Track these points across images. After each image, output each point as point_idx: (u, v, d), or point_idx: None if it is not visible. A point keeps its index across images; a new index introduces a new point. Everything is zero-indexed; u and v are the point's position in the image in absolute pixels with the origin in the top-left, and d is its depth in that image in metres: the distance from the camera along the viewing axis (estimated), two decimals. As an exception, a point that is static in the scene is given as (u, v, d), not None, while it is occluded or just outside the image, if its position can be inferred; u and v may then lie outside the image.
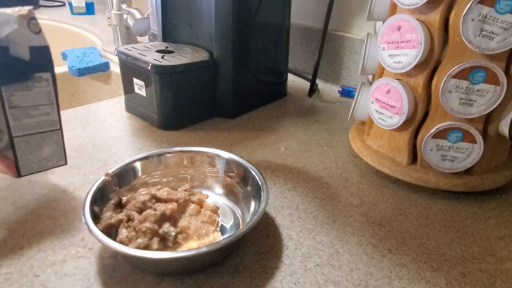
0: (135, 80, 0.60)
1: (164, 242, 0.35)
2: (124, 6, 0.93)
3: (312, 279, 0.34)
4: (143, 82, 0.59)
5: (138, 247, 0.33)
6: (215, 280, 0.34)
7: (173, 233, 0.35)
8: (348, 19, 0.80)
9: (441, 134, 0.44)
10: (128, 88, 0.63)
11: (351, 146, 0.56)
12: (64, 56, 0.93)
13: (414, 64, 0.43)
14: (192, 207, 0.39)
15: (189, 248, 0.35)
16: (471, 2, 0.38)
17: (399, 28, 0.44)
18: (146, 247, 0.34)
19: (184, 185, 0.42)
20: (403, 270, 0.36)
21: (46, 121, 0.40)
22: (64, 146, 0.42)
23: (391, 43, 0.45)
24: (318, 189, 0.48)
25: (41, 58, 0.38)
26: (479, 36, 0.39)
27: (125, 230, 0.35)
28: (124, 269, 0.34)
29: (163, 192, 0.38)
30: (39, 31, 0.36)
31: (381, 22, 0.52)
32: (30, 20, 0.36)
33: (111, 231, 0.35)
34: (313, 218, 0.42)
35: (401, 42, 0.44)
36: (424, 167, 0.47)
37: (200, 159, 0.45)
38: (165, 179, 0.44)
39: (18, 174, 0.40)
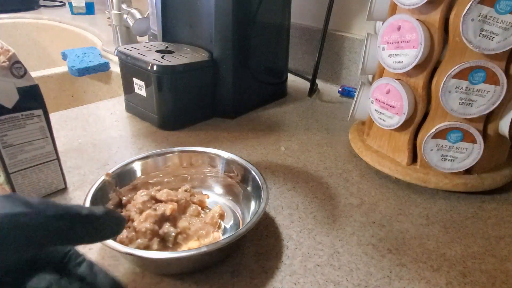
0: (135, 80, 0.60)
1: (164, 243, 0.35)
2: (124, 6, 0.93)
3: (312, 279, 0.34)
4: (143, 82, 0.59)
5: (138, 248, 0.33)
6: (215, 280, 0.34)
7: (173, 234, 0.35)
8: (348, 19, 0.80)
9: (441, 134, 0.44)
10: (128, 88, 0.63)
11: (351, 146, 0.56)
12: (64, 56, 0.93)
13: (414, 64, 0.43)
14: (193, 207, 0.39)
15: (189, 248, 0.35)
16: (471, 2, 0.38)
17: (399, 28, 0.44)
18: (146, 248, 0.34)
19: (185, 186, 0.42)
20: (403, 270, 0.36)
21: (42, 153, 0.41)
22: (62, 172, 0.44)
23: (391, 43, 0.45)
24: (318, 189, 0.47)
25: (31, 97, 0.38)
26: (479, 36, 0.39)
27: (125, 230, 0.35)
28: (124, 269, 0.34)
29: (162, 194, 0.38)
30: (24, 73, 0.37)
31: (381, 22, 0.52)
32: (13, 65, 0.36)
33: None
34: (313, 218, 0.42)
35: (401, 42, 0.44)
36: (424, 167, 0.47)
37: (201, 159, 0.45)
38: (165, 179, 0.44)
39: None
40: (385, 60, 0.46)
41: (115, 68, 0.88)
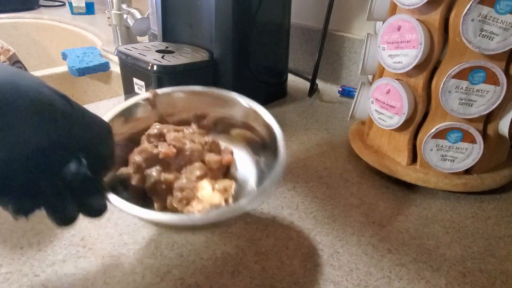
0: (135, 80, 0.60)
1: (144, 183, 0.33)
2: (124, 6, 0.93)
3: (312, 279, 0.34)
4: (143, 82, 0.59)
5: (120, 173, 0.32)
6: (215, 280, 0.34)
7: (152, 180, 0.32)
8: (348, 19, 0.80)
9: (441, 134, 0.44)
10: (128, 88, 0.63)
11: (351, 146, 0.56)
12: (64, 56, 0.93)
13: (414, 64, 0.43)
14: (196, 165, 0.34)
15: (158, 204, 0.33)
16: (471, 2, 0.38)
17: (399, 28, 0.44)
18: (128, 177, 0.32)
19: (209, 137, 0.37)
20: (402, 270, 0.36)
21: None
22: None
23: (391, 43, 0.45)
24: (318, 189, 0.48)
25: None
26: (479, 36, 0.39)
27: (135, 150, 0.34)
28: (124, 269, 0.34)
29: (170, 135, 0.35)
30: None
31: (381, 22, 0.52)
32: (13, 65, 0.36)
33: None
34: (313, 218, 0.42)
35: (401, 42, 0.44)
36: (424, 167, 0.47)
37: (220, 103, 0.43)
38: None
39: None
40: (385, 60, 0.46)
41: (115, 68, 0.88)
